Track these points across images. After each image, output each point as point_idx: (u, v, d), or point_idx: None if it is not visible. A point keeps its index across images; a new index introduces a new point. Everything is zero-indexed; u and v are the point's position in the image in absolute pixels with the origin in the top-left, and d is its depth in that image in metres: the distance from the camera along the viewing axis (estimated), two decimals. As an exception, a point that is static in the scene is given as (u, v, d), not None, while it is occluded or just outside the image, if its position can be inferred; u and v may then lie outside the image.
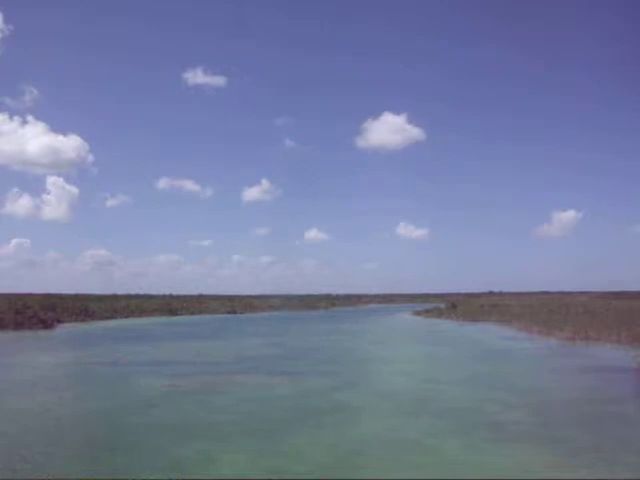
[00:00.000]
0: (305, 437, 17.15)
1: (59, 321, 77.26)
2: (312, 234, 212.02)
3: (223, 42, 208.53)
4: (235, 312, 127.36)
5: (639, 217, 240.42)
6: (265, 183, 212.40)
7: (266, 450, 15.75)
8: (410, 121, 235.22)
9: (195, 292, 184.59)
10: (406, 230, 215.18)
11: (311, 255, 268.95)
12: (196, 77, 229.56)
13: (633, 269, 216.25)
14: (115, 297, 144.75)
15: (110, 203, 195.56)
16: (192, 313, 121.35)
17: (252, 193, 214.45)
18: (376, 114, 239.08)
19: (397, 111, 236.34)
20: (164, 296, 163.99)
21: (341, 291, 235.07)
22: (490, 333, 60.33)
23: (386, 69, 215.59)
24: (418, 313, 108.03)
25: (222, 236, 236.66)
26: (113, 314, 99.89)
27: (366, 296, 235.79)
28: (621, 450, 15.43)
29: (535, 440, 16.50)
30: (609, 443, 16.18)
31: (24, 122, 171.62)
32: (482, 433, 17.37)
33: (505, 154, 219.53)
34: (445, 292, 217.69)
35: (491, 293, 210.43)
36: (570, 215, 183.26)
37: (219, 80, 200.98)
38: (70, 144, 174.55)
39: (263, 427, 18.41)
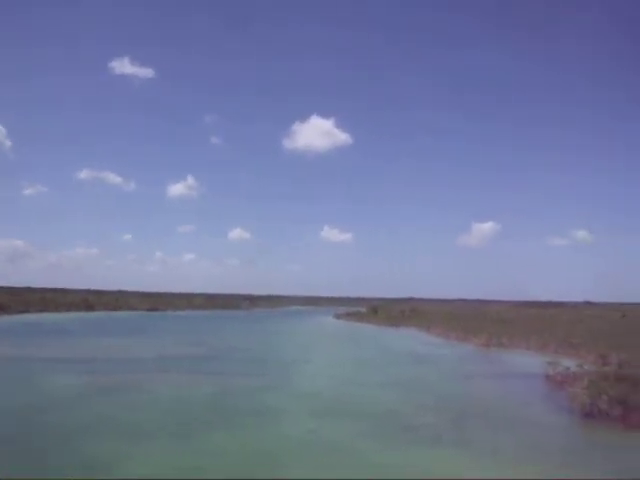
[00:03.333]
0: (223, 437, 17.00)
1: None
2: (236, 233, 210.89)
3: (153, 33, 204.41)
4: (156, 309, 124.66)
5: (554, 231, 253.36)
6: (190, 180, 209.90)
7: (183, 449, 15.52)
8: (338, 125, 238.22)
9: (114, 288, 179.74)
10: (330, 234, 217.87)
11: (234, 255, 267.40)
12: (123, 67, 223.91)
13: (545, 280, 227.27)
14: (29, 290, 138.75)
15: (28, 192, 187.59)
16: (110, 309, 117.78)
17: (177, 189, 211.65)
18: (304, 117, 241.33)
19: (325, 115, 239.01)
20: (81, 291, 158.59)
21: (263, 292, 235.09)
22: (409, 338, 61.78)
23: (316, 72, 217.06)
24: (340, 316, 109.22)
25: (145, 231, 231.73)
26: (27, 308, 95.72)
27: (288, 298, 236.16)
28: (529, 450, 16.19)
29: (449, 442, 17.06)
30: (518, 444, 16.93)
31: None
32: (399, 435, 17.79)
33: (430, 159, 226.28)
34: (367, 296, 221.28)
35: (411, 299, 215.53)
36: (489, 226, 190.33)
37: (147, 72, 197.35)
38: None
39: (181, 426, 18.13)
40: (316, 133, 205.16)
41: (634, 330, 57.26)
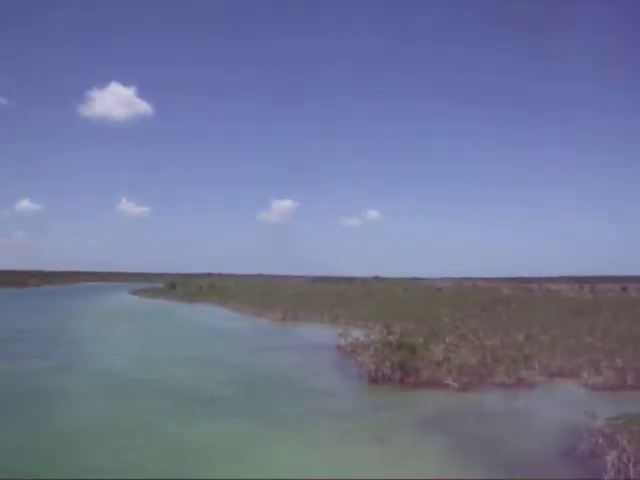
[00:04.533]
0: (9, 422, 15.75)
1: None
2: (24, 204, 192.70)
3: None
4: None
5: (348, 211, 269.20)
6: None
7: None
8: (139, 95, 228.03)
9: None
10: (127, 206, 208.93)
11: (22, 227, 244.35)
12: None
13: (339, 257, 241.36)
14: None
15: None
16: None
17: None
18: (103, 83, 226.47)
19: (126, 83, 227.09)
20: None
21: (55, 267, 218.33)
22: (207, 313, 61.84)
23: (119, 37, 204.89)
24: (136, 292, 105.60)
25: None
26: None
27: (83, 274, 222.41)
28: (321, 416, 17.28)
29: (247, 413, 17.43)
30: (311, 411, 17.96)
31: None
32: (196, 410, 17.76)
33: (233, 137, 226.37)
34: (165, 272, 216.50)
35: (210, 274, 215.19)
36: (288, 204, 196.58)
37: None
38: None
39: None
40: (115, 101, 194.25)
41: (414, 302, 63.45)
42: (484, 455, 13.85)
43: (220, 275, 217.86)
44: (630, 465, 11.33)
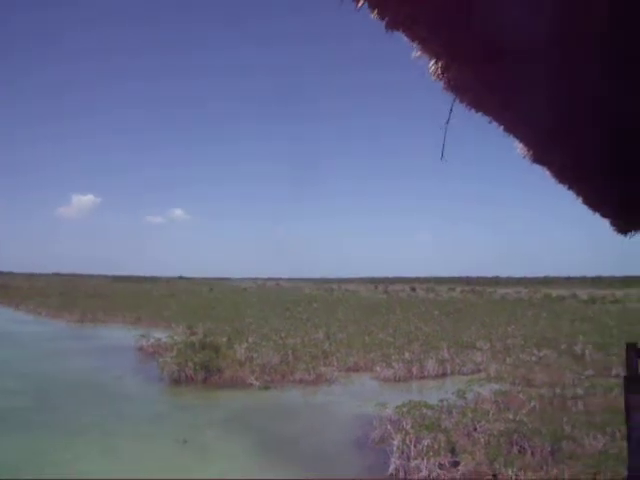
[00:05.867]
0: None
1: None
2: None
3: None
4: None
5: (153, 209, 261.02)
6: None
7: None
8: None
9: None
10: None
11: None
12: None
13: (138, 254, 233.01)
14: None
15: None
16: None
17: None
18: None
19: None
20: None
21: None
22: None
23: None
24: None
25: None
26: None
27: None
28: (122, 422, 16.50)
29: (43, 425, 16.08)
30: (112, 417, 17.10)
31: None
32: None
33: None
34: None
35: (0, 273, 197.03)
36: (89, 199, 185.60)
37: None
38: None
39: None
40: None
41: (218, 302, 63.52)
42: (284, 450, 14.32)
43: (11, 273, 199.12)
44: (412, 446, 12.49)
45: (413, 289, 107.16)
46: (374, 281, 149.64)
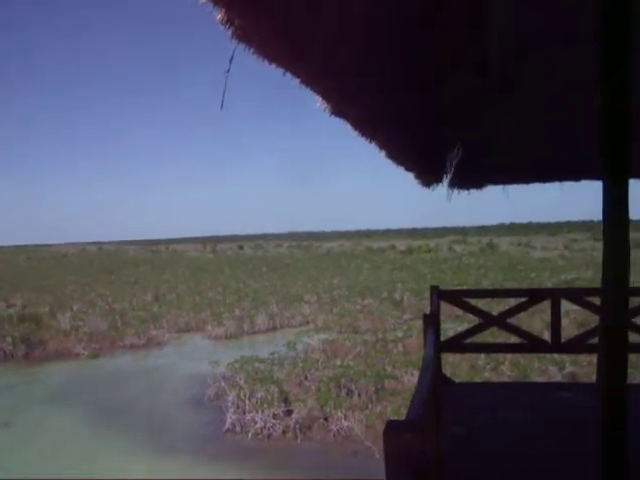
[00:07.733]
0: None
1: None
2: None
3: None
4: None
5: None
6: None
7: None
8: None
9: None
10: None
11: None
12: None
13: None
14: None
15: None
16: None
17: None
18: None
19: None
20: None
21: None
22: None
23: None
24: None
25: None
26: None
27: None
28: None
29: None
30: None
31: None
32: None
33: None
34: None
35: None
36: None
37: None
38: None
39: None
40: None
41: (37, 271, 59.34)
42: (119, 417, 14.15)
43: None
44: (246, 400, 13.05)
45: (241, 247, 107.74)
46: (202, 240, 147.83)
